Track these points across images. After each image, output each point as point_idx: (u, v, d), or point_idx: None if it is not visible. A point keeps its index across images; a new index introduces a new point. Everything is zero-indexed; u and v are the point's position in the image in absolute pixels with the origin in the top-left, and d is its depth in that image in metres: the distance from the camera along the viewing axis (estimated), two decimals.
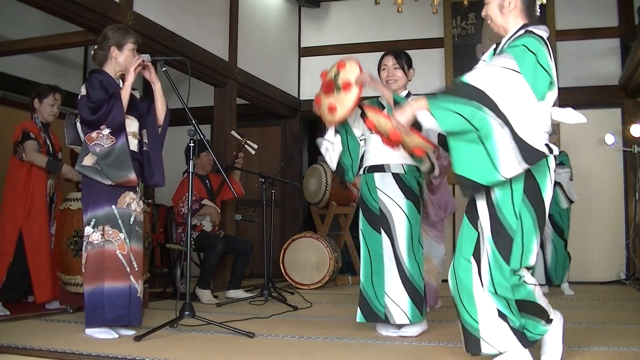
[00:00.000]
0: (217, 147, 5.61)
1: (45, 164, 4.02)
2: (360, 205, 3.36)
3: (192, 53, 5.08)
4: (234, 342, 2.93)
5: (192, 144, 3.25)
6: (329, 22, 7.47)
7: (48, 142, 4.14)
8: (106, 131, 2.98)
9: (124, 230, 3.05)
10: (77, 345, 2.73)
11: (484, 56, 2.50)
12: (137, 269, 3.10)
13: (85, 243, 3.04)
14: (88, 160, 3.00)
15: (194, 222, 4.82)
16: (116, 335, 2.99)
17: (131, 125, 3.15)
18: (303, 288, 5.69)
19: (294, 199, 7.27)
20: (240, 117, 6.04)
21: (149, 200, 3.89)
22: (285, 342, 2.96)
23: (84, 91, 3.07)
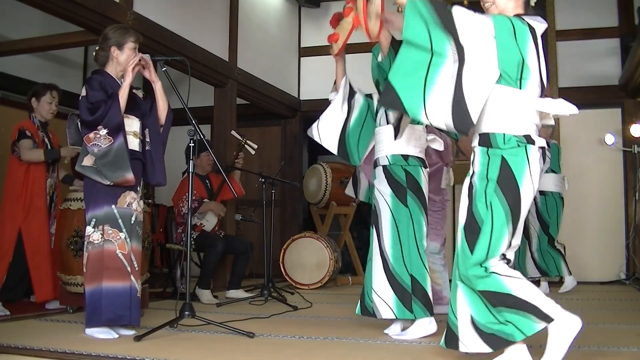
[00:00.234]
0: (217, 147, 5.61)
1: (43, 156, 4.00)
2: None
3: (192, 53, 5.08)
4: (234, 342, 2.93)
5: (192, 144, 3.25)
6: (329, 22, 7.45)
7: (46, 140, 4.14)
8: (103, 131, 2.98)
9: (124, 230, 3.05)
10: (77, 345, 2.73)
11: None
12: (137, 268, 3.10)
13: (86, 243, 3.05)
14: (87, 161, 3.00)
15: (194, 222, 4.83)
16: (116, 335, 2.98)
17: (132, 124, 3.14)
18: (303, 288, 5.69)
19: (294, 199, 7.27)
20: (240, 117, 6.04)
21: (149, 200, 3.89)
22: (285, 342, 2.96)
23: (84, 92, 3.07)
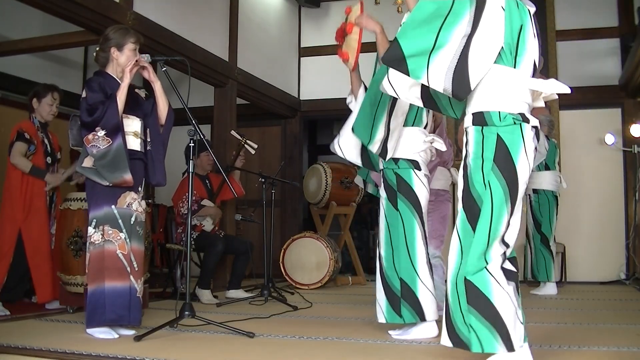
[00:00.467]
0: (217, 147, 5.61)
1: (28, 169, 3.96)
2: None
3: (192, 53, 5.07)
4: (234, 342, 2.93)
5: (192, 144, 3.25)
6: (329, 22, 7.46)
7: (46, 141, 4.13)
8: (101, 133, 2.98)
9: (124, 230, 3.06)
10: (77, 345, 2.73)
11: None
12: (137, 268, 3.10)
13: (88, 243, 3.06)
14: (87, 162, 3.01)
15: (194, 222, 4.83)
16: (116, 335, 2.99)
17: (132, 124, 3.15)
18: (303, 288, 5.69)
19: (294, 199, 7.27)
20: (240, 117, 6.04)
21: (149, 200, 3.89)
22: (285, 342, 2.96)
23: (84, 94, 3.08)
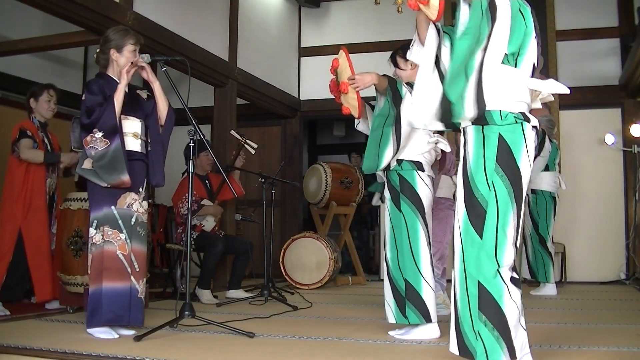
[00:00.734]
0: (217, 147, 5.61)
1: (42, 158, 4.00)
2: None
3: (192, 53, 5.07)
4: (234, 342, 2.93)
5: (192, 144, 3.25)
6: (329, 22, 7.47)
7: (46, 141, 4.14)
8: (99, 134, 2.98)
9: (124, 231, 3.06)
10: (77, 345, 2.74)
11: None
12: (138, 269, 3.10)
13: (89, 244, 3.06)
14: (87, 164, 3.02)
15: (194, 222, 4.82)
16: (116, 335, 2.99)
17: (131, 125, 3.15)
18: (303, 288, 5.69)
19: (294, 199, 7.27)
20: (240, 117, 6.03)
21: (149, 200, 3.89)
22: (285, 342, 2.96)
23: (83, 96, 3.10)
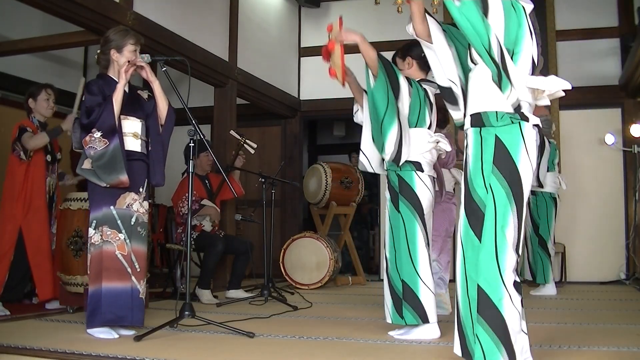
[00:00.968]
0: (217, 147, 5.61)
1: (47, 137, 4.02)
2: None
3: (192, 53, 5.07)
4: (234, 342, 2.93)
5: (192, 144, 3.25)
6: (329, 22, 7.32)
7: None
8: (97, 134, 2.98)
9: (123, 231, 3.06)
10: (77, 345, 2.74)
11: None
12: (138, 269, 3.10)
13: (89, 244, 3.07)
14: (86, 164, 3.03)
15: (194, 222, 4.82)
16: (116, 335, 2.99)
17: (131, 125, 3.15)
18: (303, 288, 5.69)
19: (294, 199, 7.27)
20: (240, 117, 6.03)
21: (149, 200, 3.89)
22: (285, 342, 2.96)
23: (83, 97, 3.10)
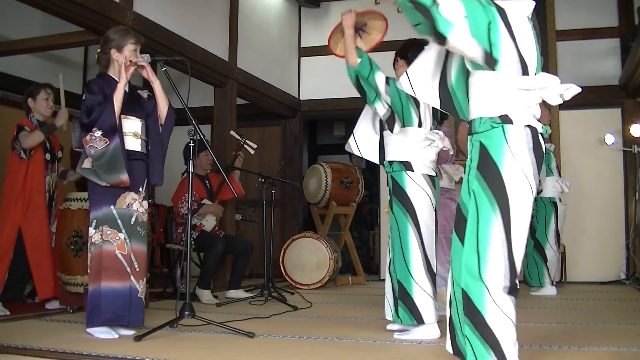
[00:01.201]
0: (217, 147, 5.61)
1: (41, 132, 4.00)
2: None
3: (192, 53, 5.07)
4: (234, 342, 2.93)
5: (192, 144, 3.25)
6: (329, 22, 7.45)
7: (45, 139, 4.13)
8: (98, 133, 2.98)
9: (123, 231, 3.06)
10: (77, 345, 2.74)
11: None
12: (138, 269, 3.10)
13: (89, 244, 3.07)
14: (87, 163, 3.02)
15: (194, 222, 4.82)
16: (116, 335, 2.99)
17: (131, 125, 3.15)
18: (303, 288, 5.69)
19: (294, 199, 7.27)
20: (240, 117, 6.03)
21: (149, 200, 3.89)
22: (285, 342, 2.96)
23: (84, 96, 3.10)
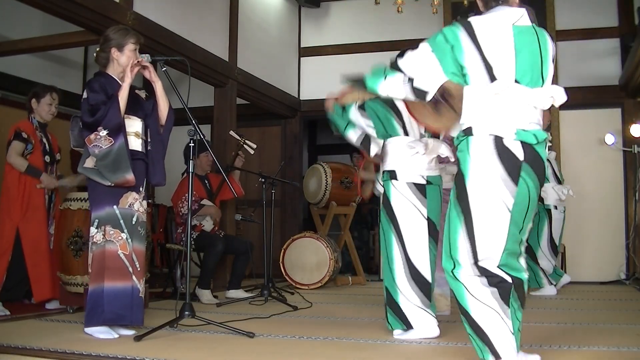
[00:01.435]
0: (217, 147, 5.60)
1: (24, 168, 3.96)
2: None
3: (192, 53, 5.07)
4: (234, 342, 2.93)
5: (192, 144, 3.25)
6: (329, 22, 7.47)
7: (44, 140, 4.13)
8: (103, 133, 2.98)
9: (126, 230, 3.06)
10: (77, 345, 2.74)
11: None
12: (139, 268, 3.10)
13: (90, 244, 3.06)
14: (89, 163, 3.01)
15: (194, 222, 4.82)
16: (116, 335, 2.99)
17: (133, 125, 3.15)
18: (303, 288, 5.69)
19: (294, 199, 7.27)
20: (240, 117, 6.03)
21: (149, 200, 3.90)
22: (285, 342, 2.96)
23: (85, 94, 3.08)
